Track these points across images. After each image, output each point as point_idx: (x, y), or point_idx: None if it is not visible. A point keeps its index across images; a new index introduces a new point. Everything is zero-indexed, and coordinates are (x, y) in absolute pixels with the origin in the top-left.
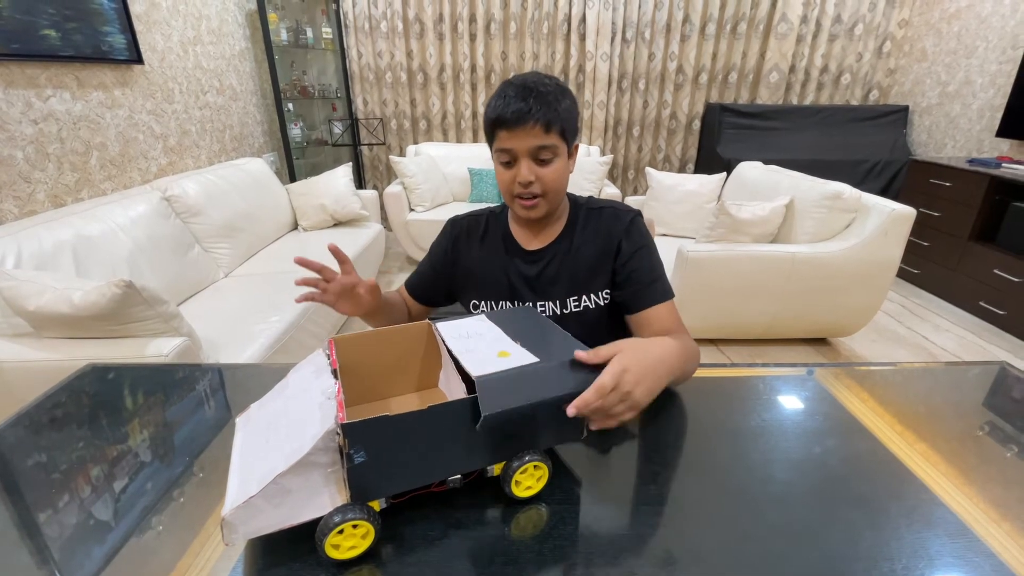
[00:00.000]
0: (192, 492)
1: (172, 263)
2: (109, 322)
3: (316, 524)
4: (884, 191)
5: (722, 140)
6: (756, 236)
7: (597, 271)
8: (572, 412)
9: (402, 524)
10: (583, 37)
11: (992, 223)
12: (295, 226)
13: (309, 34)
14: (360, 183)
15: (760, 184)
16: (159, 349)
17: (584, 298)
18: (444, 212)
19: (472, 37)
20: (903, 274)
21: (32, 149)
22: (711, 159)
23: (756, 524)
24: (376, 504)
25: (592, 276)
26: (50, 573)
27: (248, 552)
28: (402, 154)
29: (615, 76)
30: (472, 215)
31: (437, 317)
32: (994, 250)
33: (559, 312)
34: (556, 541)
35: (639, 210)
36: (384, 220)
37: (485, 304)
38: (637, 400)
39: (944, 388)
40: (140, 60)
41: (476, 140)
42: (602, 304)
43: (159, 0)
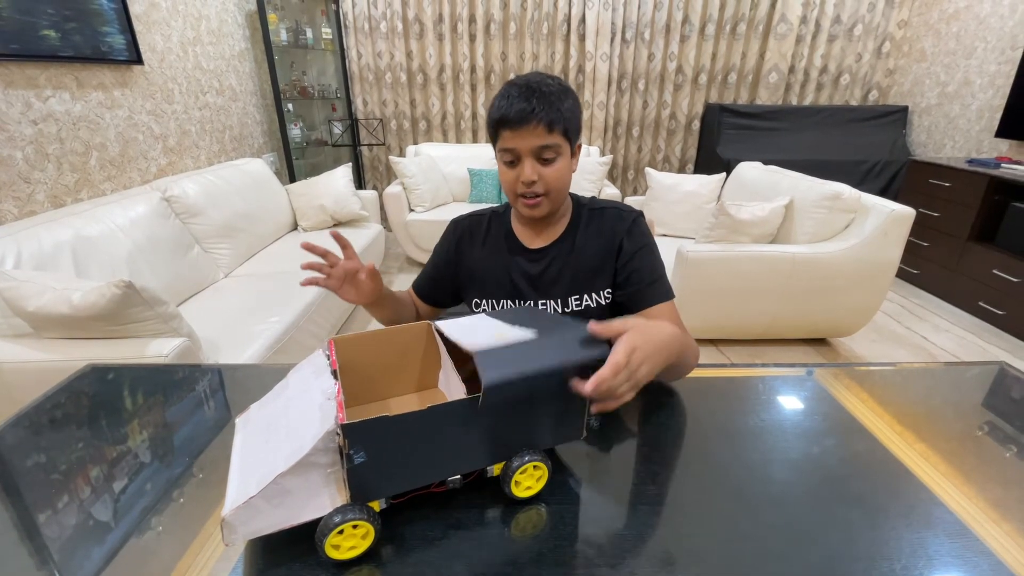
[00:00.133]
0: (192, 492)
1: (172, 263)
2: (109, 323)
3: (316, 524)
4: (883, 191)
5: (722, 140)
6: (756, 236)
7: (599, 271)
8: (590, 389)
9: (402, 524)
10: (583, 37)
11: (991, 223)
12: (295, 227)
13: (309, 34)
14: (360, 183)
15: (760, 184)
16: (159, 350)
17: (586, 297)
18: (444, 212)
19: (472, 38)
20: (902, 274)
21: (32, 149)
22: (711, 159)
23: (756, 524)
24: (376, 504)
25: (594, 276)
26: (50, 573)
27: (248, 552)
28: (402, 154)
29: (615, 76)
30: (474, 215)
31: (442, 317)
32: (993, 250)
33: (561, 311)
34: (556, 541)
35: (641, 211)
36: (384, 220)
37: (487, 303)
38: (639, 380)
39: (943, 388)
40: (140, 60)
41: (476, 140)
42: (603, 304)
43: (159, 0)
